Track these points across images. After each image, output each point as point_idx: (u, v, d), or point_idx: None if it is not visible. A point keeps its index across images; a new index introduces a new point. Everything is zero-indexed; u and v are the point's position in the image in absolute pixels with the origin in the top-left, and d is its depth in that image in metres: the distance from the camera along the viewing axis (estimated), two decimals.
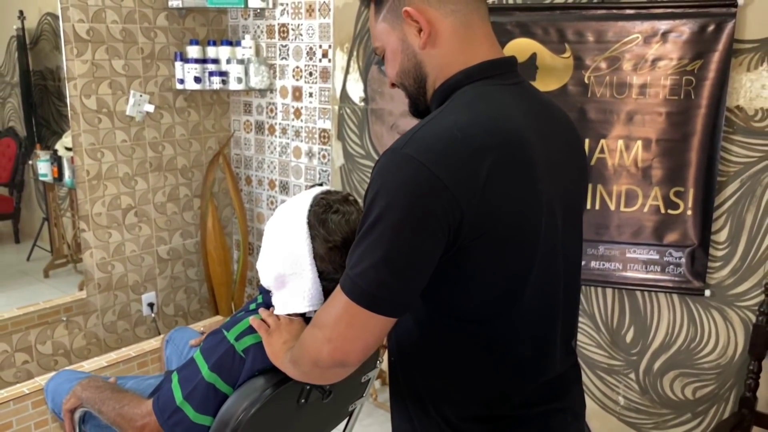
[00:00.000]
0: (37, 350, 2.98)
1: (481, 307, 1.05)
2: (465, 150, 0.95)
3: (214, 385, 1.35)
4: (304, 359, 1.11)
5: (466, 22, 1.06)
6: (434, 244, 0.96)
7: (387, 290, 0.98)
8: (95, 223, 3.08)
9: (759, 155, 2.06)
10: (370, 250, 0.96)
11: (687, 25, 2.05)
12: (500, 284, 1.04)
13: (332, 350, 1.02)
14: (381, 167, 0.99)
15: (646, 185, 2.19)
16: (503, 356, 1.09)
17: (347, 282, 1.00)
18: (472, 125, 0.97)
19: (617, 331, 2.43)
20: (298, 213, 1.37)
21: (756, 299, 2.13)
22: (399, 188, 0.94)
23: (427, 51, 1.06)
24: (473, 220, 0.95)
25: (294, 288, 1.38)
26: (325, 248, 1.35)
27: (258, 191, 3.54)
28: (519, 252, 1.02)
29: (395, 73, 1.12)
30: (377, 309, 0.99)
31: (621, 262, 2.28)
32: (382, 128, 2.91)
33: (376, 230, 0.96)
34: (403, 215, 0.94)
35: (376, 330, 1.01)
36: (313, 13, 3.04)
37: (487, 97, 1.04)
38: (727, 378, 2.24)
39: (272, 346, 1.32)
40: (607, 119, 2.20)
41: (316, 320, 1.08)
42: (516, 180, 0.99)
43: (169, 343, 1.96)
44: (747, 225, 2.12)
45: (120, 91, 3.07)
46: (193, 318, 3.56)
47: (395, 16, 1.07)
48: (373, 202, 0.96)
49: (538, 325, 1.11)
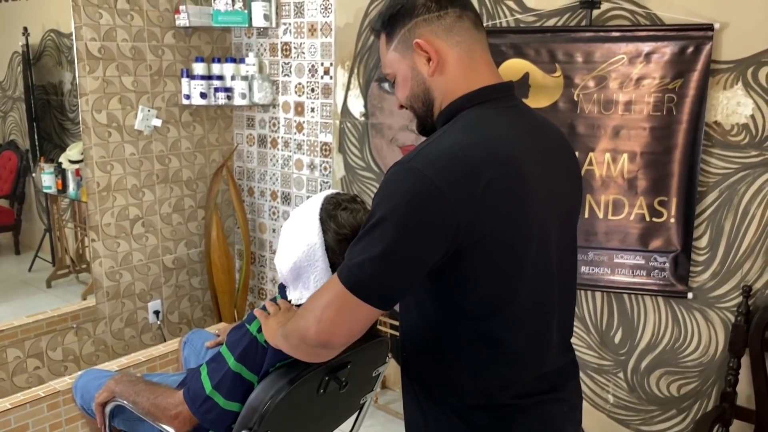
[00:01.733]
0: (48, 356, 3.07)
1: (479, 305, 1.15)
2: (464, 166, 1.06)
3: (240, 374, 1.48)
4: (293, 334, 1.21)
5: (469, 52, 1.18)
6: (429, 248, 1.07)
7: (379, 283, 1.08)
8: (104, 233, 3.19)
9: (735, 167, 2.22)
10: (370, 246, 1.06)
11: (668, 47, 2.22)
12: (494, 285, 1.14)
13: (319, 331, 1.12)
14: (389, 177, 1.10)
15: (631, 195, 2.35)
16: (501, 350, 1.19)
17: (344, 271, 1.09)
18: (471, 145, 1.09)
19: (606, 333, 2.57)
20: (311, 210, 1.52)
21: (734, 301, 2.28)
22: (403, 195, 1.05)
23: (435, 78, 1.18)
24: (469, 228, 1.06)
25: (308, 279, 1.52)
26: (335, 240, 1.49)
27: (260, 202, 3.67)
28: (510, 258, 1.13)
29: (405, 97, 1.24)
30: (367, 298, 1.08)
31: (609, 267, 2.42)
32: (381, 141, 3.05)
33: (378, 229, 1.06)
34: (405, 218, 1.05)
35: (362, 318, 1.11)
36: (315, 33, 3.18)
37: (486, 120, 1.15)
38: (709, 375, 2.38)
39: (268, 327, 1.44)
40: (595, 134, 2.35)
41: (309, 302, 1.19)
42: (509, 195, 1.10)
43: (187, 345, 2.08)
44: (725, 231, 2.27)
45: (129, 106, 3.19)
46: (197, 325, 3.67)
47: (406, 47, 1.19)
48: (378, 205, 1.07)
49: (533, 323, 1.21)
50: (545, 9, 2.46)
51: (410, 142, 2.95)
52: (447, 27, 1.16)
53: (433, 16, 1.16)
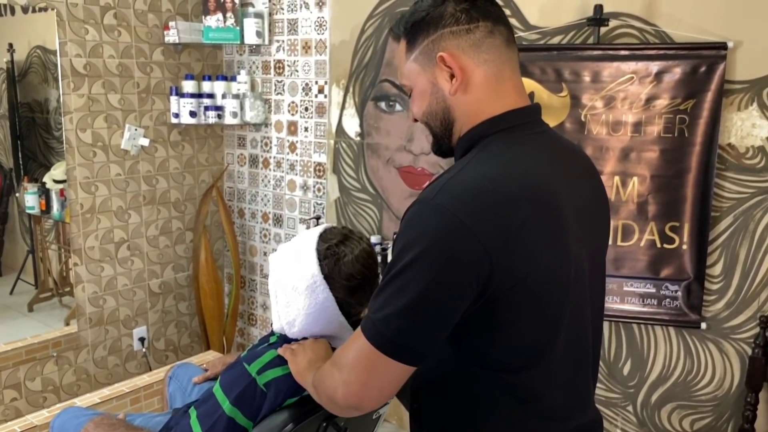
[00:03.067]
0: (26, 387, 2.92)
1: (513, 357, 1.04)
2: (497, 203, 0.96)
3: (234, 419, 1.35)
4: (321, 391, 1.12)
5: (497, 72, 1.06)
6: (460, 295, 0.96)
7: (408, 338, 0.97)
8: (88, 256, 3.06)
9: (751, 191, 2.13)
10: (395, 297, 0.96)
11: (679, 66, 2.13)
12: (533, 334, 1.03)
13: (347, 393, 1.02)
14: (412, 217, 0.99)
15: (642, 220, 2.25)
16: (534, 405, 1.07)
17: (369, 326, 0.99)
18: (502, 177, 0.98)
19: (614, 364, 2.46)
20: (310, 271, 1.38)
21: (751, 332, 2.18)
22: (429, 237, 0.94)
23: (457, 97, 1.06)
24: (504, 271, 0.95)
25: (323, 335, 1.43)
26: (347, 293, 1.40)
27: (251, 224, 3.55)
28: (551, 302, 1.02)
29: (421, 112, 1.12)
30: (397, 356, 0.98)
31: (618, 295, 2.32)
32: (378, 162, 2.95)
33: (403, 278, 0.95)
34: (433, 265, 0.94)
35: (393, 377, 1.00)
36: (310, 50, 3.09)
37: (513, 149, 1.05)
38: (724, 410, 2.27)
39: (297, 365, 1.33)
40: (604, 156, 2.26)
41: (335, 358, 1.08)
42: (547, 232, 1.00)
43: (172, 380, 1.94)
44: (741, 259, 2.17)
45: (115, 125, 3.07)
46: (184, 353, 3.53)
47: (428, 59, 1.07)
48: (403, 251, 0.96)
49: (570, 373, 1.10)
50: (550, 26, 2.37)
51: (407, 163, 2.85)
52: (476, 42, 1.05)
53: (461, 29, 1.04)
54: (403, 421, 3.02)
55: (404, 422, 3.01)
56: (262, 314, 3.60)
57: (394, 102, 2.85)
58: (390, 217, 2.96)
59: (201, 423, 1.37)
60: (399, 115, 2.84)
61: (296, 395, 1.39)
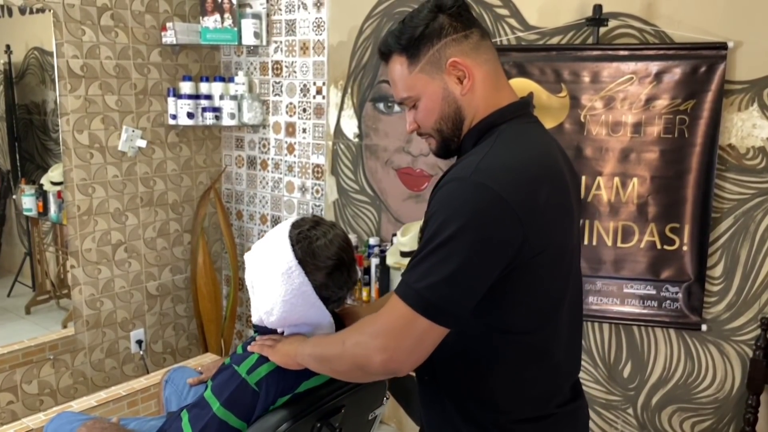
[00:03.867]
0: (22, 390, 2.90)
1: (528, 319, 1.15)
2: (527, 180, 1.08)
3: (227, 422, 1.33)
4: (342, 360, 1.17)
5: (495, 70, 1.20)
6: (498, 263, 1.07)
7: (452, 303, 1.06)
8: (85, 259, 3.04)
9: (752, 192, 2.11)
10: (439, 267, 1.04)
11: (679, 67, 2.11)
12: (546, 298, 1.16)
13: (387, 360, 1.08)
14: (449, 194, 1.08)
15: (642, 221, 2.23)
16: (545, 362, 1.19)
17: (412, 294, 1.06)
18: (526, 158, 1.12)
19: (614, 366, 2.44)
20: (284, 258, 1.38)
21: (752, 333, 2.16)
22: (471, 211, 1.04)
23: (467, 96, 1.18)
24: (533, 240, 1.07)
25: (306, 324, 1.41)
26: (324, 275, 1.39)
27: (249, 226, 3.53)
28: (561, 269, 1.17)
29: (434, 119, 1.21)
30: (441, 321, 1.06)
31: (618, 297, 2.30)
32: (376, 164, 2.93)
33: (446, 249, 1.04)
34: (475, 235, 1.04)
35: (433, 342, 1.09)
36: (308, 51, 3.07)
37: (525, 134, 1.18)
38: (725, 412, 2.25)
39: (280, 351, 1.36)
40: (603, 157, 2.24)
41: (365, 328, 1.13)
42: (560, 208, 1.14)
43: (168, 384, 1.93)
44: (741, 260, 2.16)
45: (113, 126, 3.06)
46: (182, 355, 3.51)
47: (436, 67, 1.17)
48: (443, 224, 1.05)
49: (570, 333, 1.24)
50: (548, 27, 2.36)
51: (406, 164, 2.83)
52: (474, 46, 1.18)
53: (460, 36, 1.17)
54: (402, 423, 3.00)
55: (403, 425, 2.99)
56: None
57: (392, 103, 2.83)
58: (389, 219, 2.94)
59: (192, 425, 1.35)
60: (397, 117, 2.83)
61: (288, 393, 1.37)
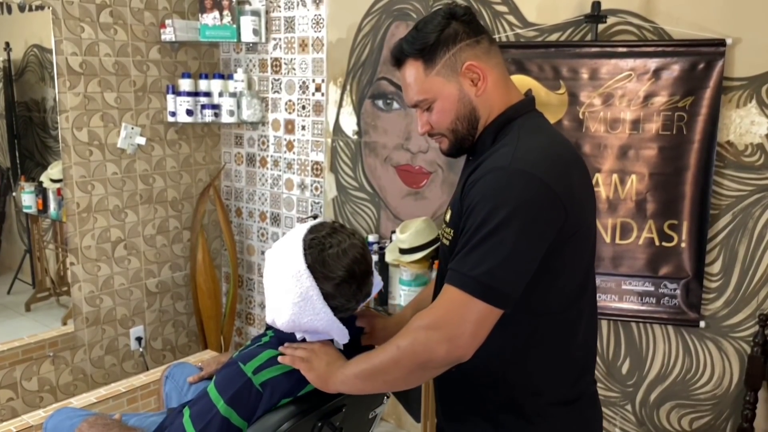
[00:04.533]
0: (22, 387, 2.91)
1: (560, 297, 1.22)
2: (562, 164, 1.18)
3: (229, 419, 1.33)
4: (400, 365, 1.18)
5: (504, 71, 1.30)
6: (546, 244, 1.14)
7: (509, 285, 1.12)
8: (84, 256, 3.04)
9: (750, 189, 2.12)
10: (493, 252, 1.10)
11: (678, 63, 2.11)
12: (576, 277, 1.23)
13: (452, 348, 1.12)
14: (493, 184, 1.14)
15: (640, 218, 2.23)
16: (571, 340, 1.26)
17: (469, 281, 1.11)
18: (555, 144, 1.22)
19: (613, 363, 2.44)
20: (294, 259, 1.37)
21: (750, 330, 2.16)
22: (517, 197, 1.11)
23: (481, 97, 1.26)
24: (571, 221, 1.15)
25: (315, 330, 1.39)
26: (332, 285, 1.36)
27: (248, 223, 3.53)
28: (589, 248, 1.26)
29: (450, 120, 1.28)
30: (500, 303, 1.12)
31: (616, 294, 2.30)
32: (375, 161, 2.93)
33: (498, 235, 1.10)
34: (524, 220, 1.10)
35: (491, 324, 1.13)
36: (307, 48, 3.07)
37: (543, 126, 1.28)
38: (723, 409, 2.26)
39: (317, 371, 1.33)
40: (602, 154, 2.24)
41: (420, 324, 1.15)
42: (588, 189, 1.25)
43: (169, 380, 1.93)
44: (740, 257, 2.16)
45: (112, 123, 3.06)
46: (181, 352, 3.51)
47: (451, 71, 1.25)
48: (492, 212, 1.11)
49: (592, 310, 1.31)
50: (547, 24, 2.36)
51: (405, 161, 2.83)
52: (486, 50, 1.27)
53: (473, 41, 1.26)
54: (401, 420, 3.01)
55: (402, 422, 3.00)
56: (260, 313, 3.59)
57: (391, 100, 2.83)
58: (388, 216, 2.94)
59: (194, 422, 1.34)
60: (397, 114, 2.83)
61: (291, 395, 1.37)
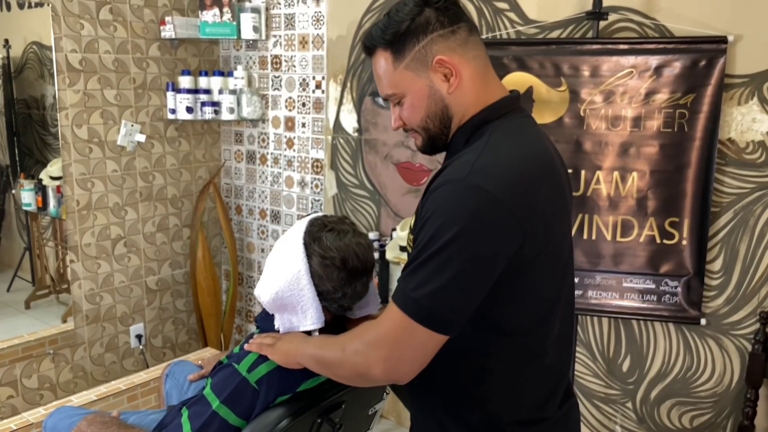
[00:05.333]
0: (22, 384, 2.90)
1: (525, 320, 1.12)
2: (524, 179, 1.05)
3: (227, 419, 1.33)
4: (342, 367, 1.15)
5: (483, 66, 1.16)
6: (497, 267, 1.03)
7: (452, 311, 1.03)
8: (84, 253, 3.04)
9: (751, 186, 2.11)
10: (438, 273, 1.01)
11: (679, 61, 2.11)
12: (543, 299, 1.13)
13: (388, 370, 1.06)
14: (446, 197, 1.03)
15: (641, 216, 2.23)
16: (540, 361, 1.17)
17: (411, 304, 1.03)
18: (523, 156, 1.08)
19: (613, 360, 2.44)
20: (294, 234, 1.39)
21: (751, 327, 2.16)
22: (468, 215, 1.00)
23: (454, 94, 1.13)
24: (532, 241, 1.04)
25: (295, 308, 1.38)
26: (322, 266, 1.36)
27: (248, 221, 3.53)
28: (558, 267, 1.15)
29: (420, 118, 1.16)
30: (442, 329, 1.03)
31: (617, 291, 2.30)
32: (375, 158, 2.93)
33: (445, 254, 1.00)
34: (474, 240, 1.00)
35: (433, 349, 1.06)
36: (307, 45, 3.07)
37: (519, 131, 1.14)
38: (724, 406, 2.26)
39: (280, 350, 1.33)
40: (603, 151, 2.24)
41: (365, 336, 1.11)
42: (558, 206, 1.12)
43: (169, 378, 1.92)
44: (741, 254, 2.16)
45: (111, 120, 3.05)
46: (181, 350, 3.51)
47: (421, 64, 1.12)
48: (440, 229, 1.01)
49: (564, 331, 1.22)
50: (548, 21, 2.35)
51: (405, 158, 2.83)
52: (462, 42, 1.13)
53: (447, 31, 1.12)
54: (401, 417, 3.00)
55: (402, 419, 3.00)
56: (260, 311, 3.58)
57: None
58: (388, 214, 2.94)
59: (192, 422, 1.35)
60: None
61: (287, 393, 1.37)
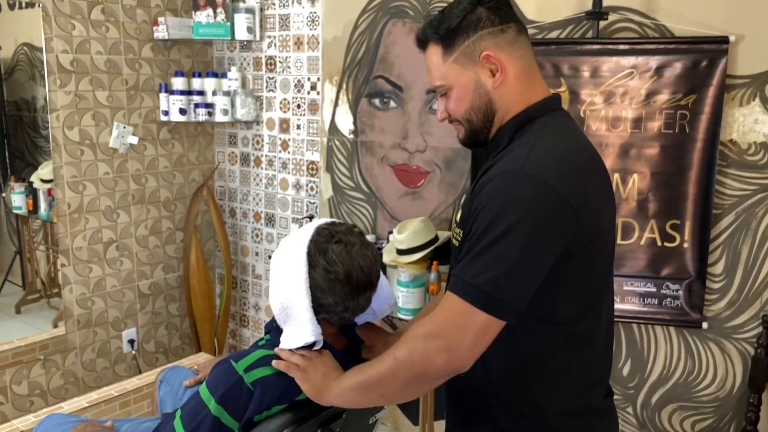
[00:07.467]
0: (12, 391, 2.85)
1: (576, 307, 1.17)
2: (577, 169, 1.11)
3: (219, 418, 1.29)
4: (397, 377, 1.13)
5: (529, 66, 1.21)
6: (554, 253, 1.08)
7: (512, 296, 1.06)
8: (75, 257, 2.99)
9: (753, 188, 2.09)
10: (498, 260, 1.05)
11: (680, 61, 2.09)
12: (592, 287, 1.18)
13: (451, 359, 1.07)
14: (502, 187, 1.08)
15: (642, 218, 2.20)
16: (588, 349, 1.21)
17: (471, 290, 1.06)
18: (574, 148, 1.15)
19: (614, 365, 2.41)
20: (299, 242, 1.32)
21: (754, 331, 2.14)
22: (526, 203, 1.06)
23: (499, 90, 1.19)
24: (584, 229, 1.09)
25: (295, 320, 1.32)
26: (326, 280, 1.29)
27: (243, 224, 3.49)
28: (606, 256, 1.20)
29: (464, 110, 1.22)
30: (502, 314, 1.06)
31: (618, 294, 2.27)
32: (372, 160, 2.89)
33: (504, 243, 1.04)
34: (533, 227, 1.05)
35: (492, 335, 1.08)
36: (302, 46, 3.03)
37: (566, 127, 1.21)
38: (726, 411, 2.23)
39: (312, 382, 1.27)
40: (603, 152, 2.21)
41: (418, 333, 1.11)
42: (606, 195, 1.19)
43: (163, 384, 1.88)
44: (743, 257, 2.13)
45: (103, 122, 3.01)
46: (175, 355, 3.46)
47: (469, 59, 1.18)
48: (497, 218, 1.05)
49: (609, 320, 1.26)
50: (547, 21, 2.33)
51: (402, 161, 2.79)
52: (510, 41, 1.19)
53: (497, 30, 1.18)
54: (398, 423, 2.97)
55: (399, 425, 2.96)
56: (254, 315, 3.54)
57: (388, 99, 2.79)
58: (384, 216, 2.90)
59: (185, 423, 1.30)
60: (393, 112, 2.79)
61: (283, 402, 1.32)
